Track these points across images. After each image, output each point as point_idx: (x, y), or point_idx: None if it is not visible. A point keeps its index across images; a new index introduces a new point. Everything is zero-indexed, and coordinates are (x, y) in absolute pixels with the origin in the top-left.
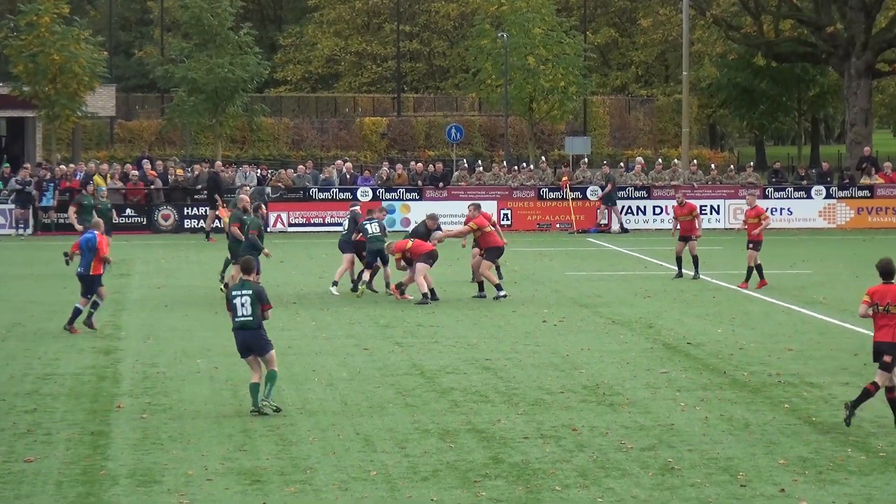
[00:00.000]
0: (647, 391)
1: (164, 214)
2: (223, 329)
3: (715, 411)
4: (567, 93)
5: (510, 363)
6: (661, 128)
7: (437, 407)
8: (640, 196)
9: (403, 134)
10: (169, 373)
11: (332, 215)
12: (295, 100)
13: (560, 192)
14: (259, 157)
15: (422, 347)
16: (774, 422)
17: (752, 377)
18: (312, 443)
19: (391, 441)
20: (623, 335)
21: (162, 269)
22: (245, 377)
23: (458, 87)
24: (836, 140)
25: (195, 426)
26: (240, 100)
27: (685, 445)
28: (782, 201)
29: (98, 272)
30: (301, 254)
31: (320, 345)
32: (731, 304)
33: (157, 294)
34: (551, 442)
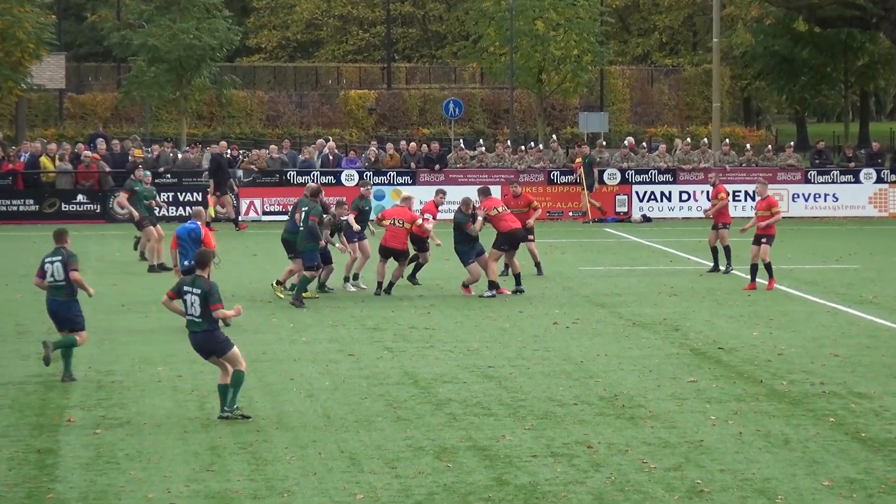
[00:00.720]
0: (672, 403)
1: (119, 201)
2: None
3: (750, 426)
4: (581, 62)
5: (516, 371)
6: (688, 102)
7: (433, 421)
8: (664, 180)
9: (394, 109)
10: (126, 382)
11: None
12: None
13: (573, 175)
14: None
15: (415, 353)
16: (818, 438)
17: (793, 387)
18: (290, 462)
19: (380, 460)
20: (645, 339)
21: (118, 263)
22: (213, 387)
23: (457, 56)
24: (888, 116)
25: (156, 443)
26: (207, 70)
27: (716, 465)
28: (827, 186)
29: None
30: (277, 247)
31: (299, 350)
32: (768, 303)
33: (113, 292)
34: (563, 461)
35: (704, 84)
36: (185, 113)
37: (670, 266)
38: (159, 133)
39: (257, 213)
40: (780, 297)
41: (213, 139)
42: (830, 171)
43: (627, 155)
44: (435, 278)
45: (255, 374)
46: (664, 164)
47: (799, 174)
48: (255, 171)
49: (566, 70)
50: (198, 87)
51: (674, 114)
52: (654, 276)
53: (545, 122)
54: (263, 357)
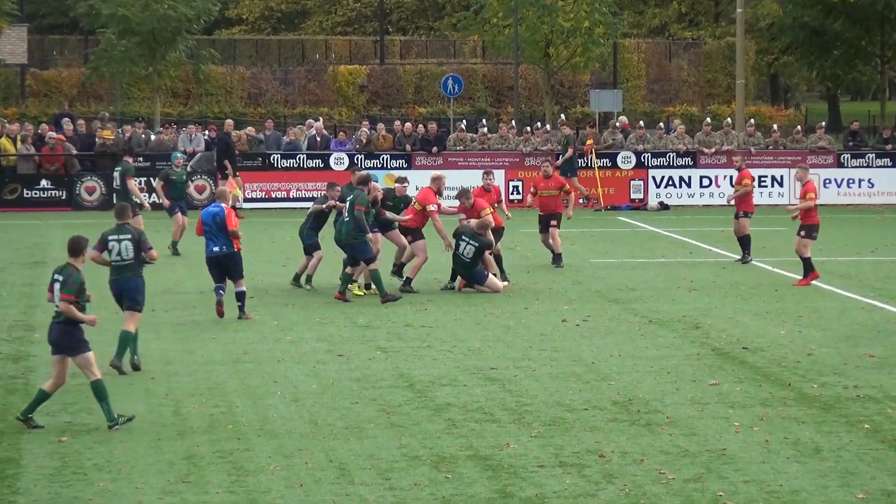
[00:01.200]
0: (692, 408)
1: (87, 187)
2: (162, 330)
3: (777, 433)
4: (592, 35)
5: (521, 373)
6: (709, 79)
7: (430, 428)
8: (683, 164)
9: (388, 86)
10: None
11: (298, 188)
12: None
13: (584, 159)
14: (207, 115)
15: (410, 353)
16: (851, 446)
17: (824, 390)
18: (274, 472)
19: (372, 470)
20: (662, 338)
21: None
22: (189, 390)
23: (457, 28)
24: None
25: (127, 451)
26: (183, 43)
27: (740, 475)
28: (861, 170)
29: (239, 248)
30: (260, 236)
31: (284, 350)
32: (797, 299)
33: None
34: (573, 471)
35: (727, 59)
36: (158, 90)
37: (690, 258)
38: (130, 112)
39: (238, 200)
40: (811, 292)
41: (189, 119)
42: (865, 155)
43: (643, 136)
44: (433, 272)
45: (236, 377)
46: (683, 147)
47: (831, 158)
48: (236, 154)
49: (576, 43)
50: (172, 63)
51: (694, 91)
52: (672, 269)
53: (553, 101)
54: (245, 357)
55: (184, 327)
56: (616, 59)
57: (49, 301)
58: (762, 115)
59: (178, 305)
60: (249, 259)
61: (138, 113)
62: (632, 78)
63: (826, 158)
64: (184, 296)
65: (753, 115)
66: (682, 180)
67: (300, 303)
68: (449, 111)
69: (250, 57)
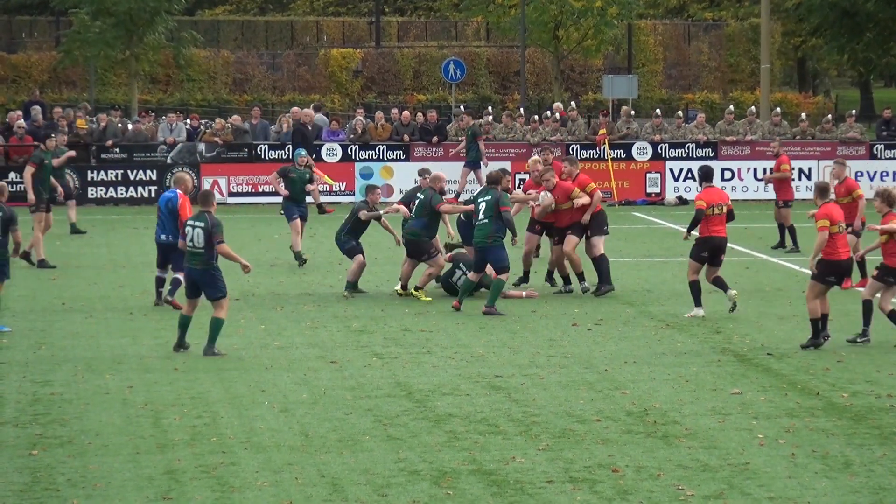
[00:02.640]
0: (712, 419)
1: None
2: (141, 335)
3: (804, 446)
4: (605, 16)
5: (528, 381)
6: (732, 63)
7: (430, 440)
8: (703, 156)
9: (384, 71)
10: (67, 394)
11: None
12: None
13: (596, 150)
14: (189, 102)
15: (409, 360)
16: (885, 460)
17: (855, 399)
18: (262, 488)
19: (367, 486)
20: (681, 343)
21: (59, 253)
22: (170, 399)
23: (458, 9)
24: None
25: (103, 466)
26: (162, 25)
27: (764, 492)
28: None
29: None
30: (246, 233)
31: (272, 356)
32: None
33: (52, 288)
34: (584, 487)
35: (751, 42)
36: (136, 76)
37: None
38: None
39: (222, 193)
40: (840, 293)
41: (169, 107)
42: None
43: (660, 125)
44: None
45: (221, 385)
46: (703, 137)
47: (863, 148)
48: (220, 145)
49: (587, 25)
50: (151, 46)
51: (715, 77)
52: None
53: (563, 87)
54: (230, 365)
55: (164, 332)
56: (631, 42)
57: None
58: (789, 103)
59: (158, 309)
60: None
61: (114, 100)
62: (648, 62)
63: (857, 149)
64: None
65: (779, 103)
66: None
67: (289, 306)
68: (450, 98)
69: (235, 40)
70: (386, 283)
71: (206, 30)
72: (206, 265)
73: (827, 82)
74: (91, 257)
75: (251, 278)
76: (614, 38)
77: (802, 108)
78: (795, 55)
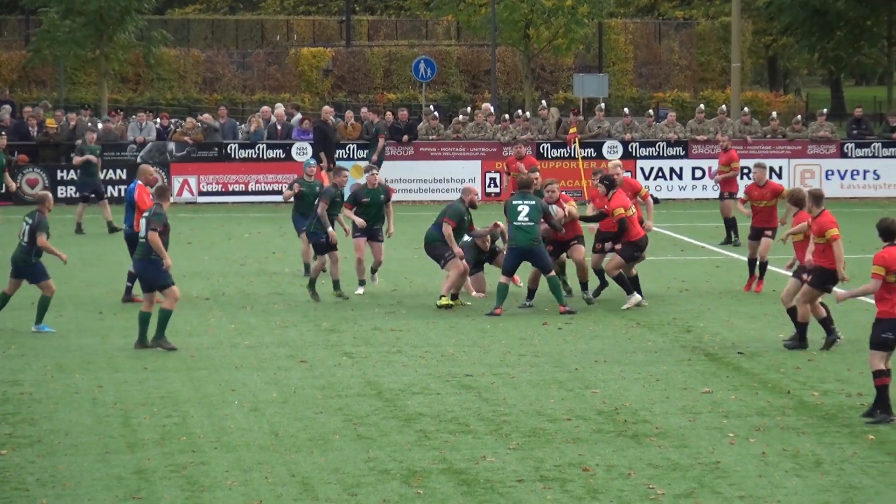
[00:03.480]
0: (683, 418)
1: (29, 179)
2: (110, 334)
3: (775, 444)
4: (576, 14)
5: (499, 380)
6: (702, 62)
7: (400, 439)
8: (674, 154)
9: (354, 70)
10: (37, 393)
11: (257, 181)
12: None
13: (567, 148)
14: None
15: (379, 359)
16: (855, 458)
17: (826, 398)
18: (231, 488)
19: (338, 485)
20: (651, 341)
21: None
22: (139, 399)
23: (429, 7)
24: None
25: (73, 465)
26: (132, 24)
27: (735, 490)
28: (866, 161)
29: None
30: (216, 233)
31: (242, 356)
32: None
33: (22, 287)
34: (554, 486)
35: (722, 40)
36: (106, 75)
37: (681, 256)
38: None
39: (192, 193)
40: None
41: (139, 106)
42: (871, 144)
43: (630, 124)
44: (403, 271)
45: (191, 385)
46: (674, 136)
47: (833, 147)
48: (190, 145)
49: (558, 24)
50: (121, 45)
51: (685, 76)
52: (661, 268)
53: (533, 86)
54: (200, 364)
55: (133, 331)
56: (601, 41)
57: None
58: (759, 102)
59: (127, 307)
60: (203, 259)
61: (84, 100)
62: (618, 61)
63: (828, 148)
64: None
65: (750, 102)
66: (673, 171)
67: (259, 305)
68: (421, 97)
69: (205, 39)
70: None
71: (176, 29)
72: (145, 255)
73: (798, 81)
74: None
75: (221, 277)
76: (585, 37)
77: (773, 106)
78: (766, 54)
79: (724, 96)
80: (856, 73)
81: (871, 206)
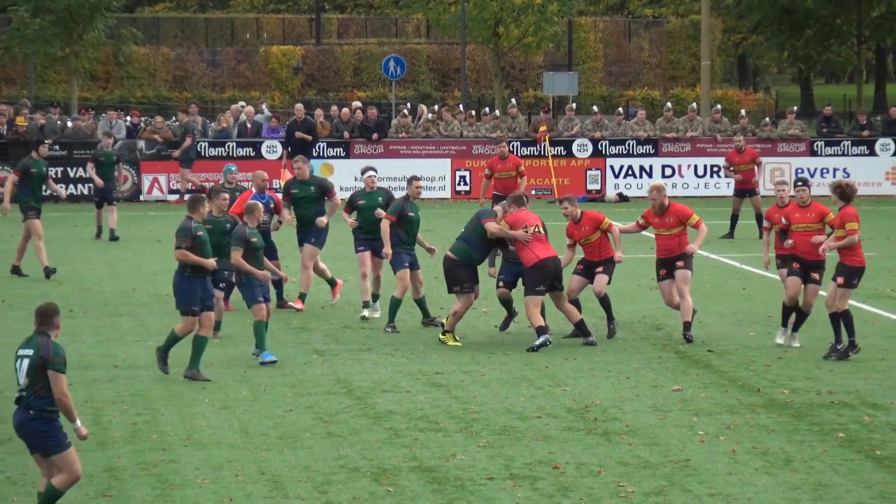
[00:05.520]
0: (653, 415)
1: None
2: (80, 333)
3: (745, 442)
4: (545, 12)
5: (469, 378)
6: (672, 60)
7: (371, 437)
8: (643, 152)
9: (324, 68)
10: (7, 391)
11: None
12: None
13: (537, 146)
14: (129, 99)
15: (349, 357)
16: (825, 456)
17: (795, 396)
18: (202, 486)
19: (308, 483)
20: (621, 340)
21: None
22: (111, 397)
23: (399, 6)
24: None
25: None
26: (102, 22)
27: (705, 488)
28: (836, 159)
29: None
30: None
31: (211, 354)
32: (766, 297)
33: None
34: (524, 484)
35: (692, 38)
36: (75, 73)
37: (651, 254)
38: (45, 97)
39: (162, 191)
40: (781, 290)
41: (109, 104)
42: (840, 142)
43: (600, 122)
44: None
45: (161, 383)
46: (644, 134)
47: (803, 145)
48: (160, 143)
49: (528, 22)
50: (91, 43)
51: (655, 74)
52: (631, 266)
53: (503, 84)
54: (170, 362)
55: (104, 329)
56: (571, 39)
57: None
58: (729, 100)
59: (97, 305)
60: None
61: (54, 98)
62: (588, 59)
63: (798, 146)
64: (102, 296)
65: (720, 100)
66: (643, 170)
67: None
68: (391, 95)
69: (175, 37)
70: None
71: (146, 27)
72: (178, 273)
73: (767, 79)
74: (30, 255)
75: None
76: (555, 35)
77: (743, 104)
78: (736, 52)
79: (693, 94)
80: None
81: None
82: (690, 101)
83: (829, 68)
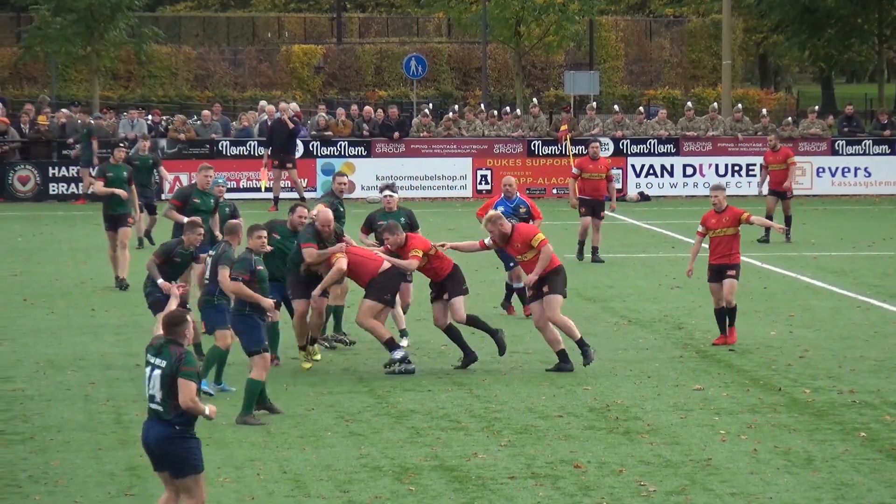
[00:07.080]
0: (675, 414)
1: (21, 177)
2: (102, 331)
3: (767, 441)
4: (567, 11)
5: (490, 377)
6: (693, 59)
7: (392, 436)
8: (665, 152)
9: (345, 67)
10: (29, 390)
11: (248, 178)
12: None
13: (558, 146)
14: (150, 98)
15: (369, 355)
16: (846, 455)
17: (817, 395)
18: (224, 485)
19: (330, 482)
20: (643, 339)
21: (19, 249)
22: (131, 396)
23: (420, 5)
24: None
25: (65, 462)
26: (124, 21)
27: (726, 487)
28: (857, 158)
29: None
30: None
31: (232, 352)
32: (788, 296)
33: (13, 284)
34: (546, 483)
35: (713, 38)
36: (97, 72)
37: (673, 253)
38: (67, 96)
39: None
40: (802, 289)
41: (130, 103)
42: (862, 141)
43: (621, 122)
44: None
45: None
46: (665, 133)
47: (824, 144)
48: (182, 142)
49: (549, 21)
50: (112, 42)
51: (676, 73)
52: (653, 265)
53: (524, 83)
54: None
55: (125, 328)
56: (592, 38)
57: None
58: (750, 99)
59: (118, 304)
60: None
61: (75, 97)
62: (609, 58)
63: (819, 145)
64: (124, 294)
65: (741, 99)
66: (664, 169)
67: None
68: (412, 94)
69: (197, 36)
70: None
71: (168, 26)
72: (206, 295)
73: (788, 78)
74: (52, 253)
75: None
76: (576, 34)
77: (764, 104)
78: (757, 51)
79: (714, 93)
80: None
81: (862, 204)
82: (711, 101)
83: (850, 67)
